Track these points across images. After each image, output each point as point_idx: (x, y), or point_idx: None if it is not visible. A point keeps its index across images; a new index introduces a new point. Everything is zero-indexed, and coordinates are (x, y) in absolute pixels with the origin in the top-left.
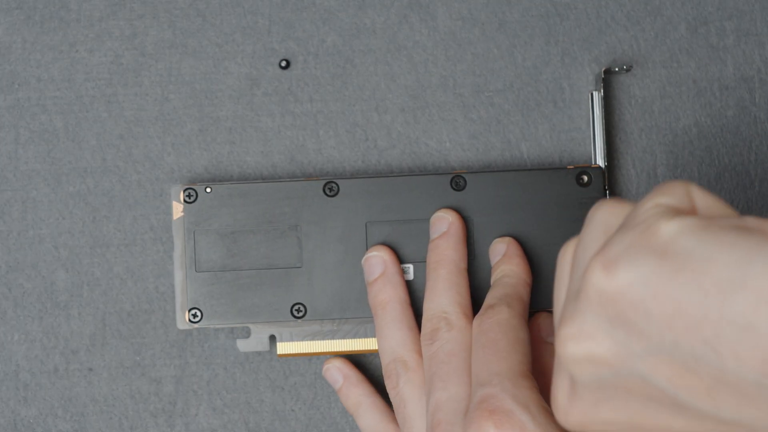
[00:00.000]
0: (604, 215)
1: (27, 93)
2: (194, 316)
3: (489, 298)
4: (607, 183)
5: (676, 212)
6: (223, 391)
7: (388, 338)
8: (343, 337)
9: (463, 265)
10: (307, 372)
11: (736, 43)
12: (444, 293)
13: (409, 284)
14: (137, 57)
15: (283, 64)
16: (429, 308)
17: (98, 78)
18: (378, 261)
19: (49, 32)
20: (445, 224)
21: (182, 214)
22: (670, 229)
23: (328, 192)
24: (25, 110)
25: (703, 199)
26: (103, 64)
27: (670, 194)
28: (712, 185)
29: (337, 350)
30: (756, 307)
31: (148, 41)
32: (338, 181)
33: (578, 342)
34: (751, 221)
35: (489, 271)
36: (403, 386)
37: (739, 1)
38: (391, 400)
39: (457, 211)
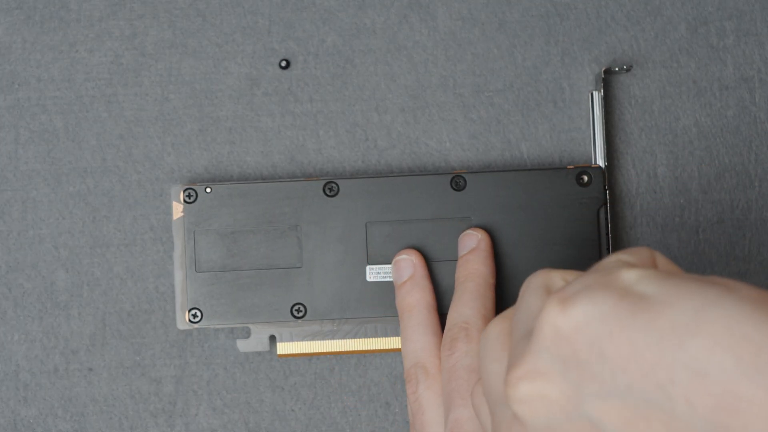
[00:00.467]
0: (543, 277)
1: (27, 93)
2: (194, 316)
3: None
4: (607, 183)
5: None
6: (223, 391)
7: (412, 342)
8: (343, 337)
9: (492, 280)
10: (307, 372)
11: (736, 43)
12: (469, 303)
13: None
14: (137, 57)
15: (283, 64)
16: (451, 317)
17: (98, 78)
18: (408, 264)
19: (49, 32)
20: (474, 240)
21: (182, 214)
22: (631, 275)
23: (328, 192)
24: (25, 110)
25: (666, 265)
26: (103, 64)
27: (634, 254)
28: (712, 185)
29: (337, 350)
30: (709, 352)
31: (148, 41)
32: (338, 181)
33: (531, 381)
34: (715, 278)
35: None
36: (422, 392)
37: (739, 1)
38: (409, 405)
39: (457, 210)
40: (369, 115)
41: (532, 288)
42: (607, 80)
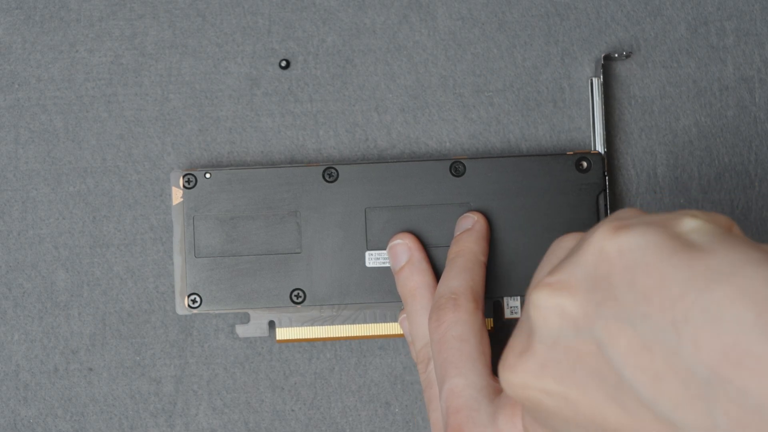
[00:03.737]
0: (626, 212)
1: (27, 93)
2: (193, 301)
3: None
4: (607, 169)
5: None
6: (223, 391)
7: (419, 325)
8: (343, 323)
9: (483, 258)
10: (307, 372)
11: (736, 43)
12: (457, 276)
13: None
14: (137, 57)
15: (283, 64)
16: (439, 290)
17: (98, 78)
18: (403, 249)
19: (49, 32)
20: (469, 222)
21: (182, 199)
22: (691, 223)
23: (327, 178)
24: (25, 110)
25: (739, 235)
26: (103, 64)
27: (710, 215)
28: (712, 185)
29: (337, 336)
30: (732, 302)
31: (148, 41)
32: (338, 167)
33: (555, 290)
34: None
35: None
36: (431, 369)
37: (739, 1)
38: (421, 383)
39: (456, 196)
40: (369, 115)
41: (608, 219)
42: (608, 81)
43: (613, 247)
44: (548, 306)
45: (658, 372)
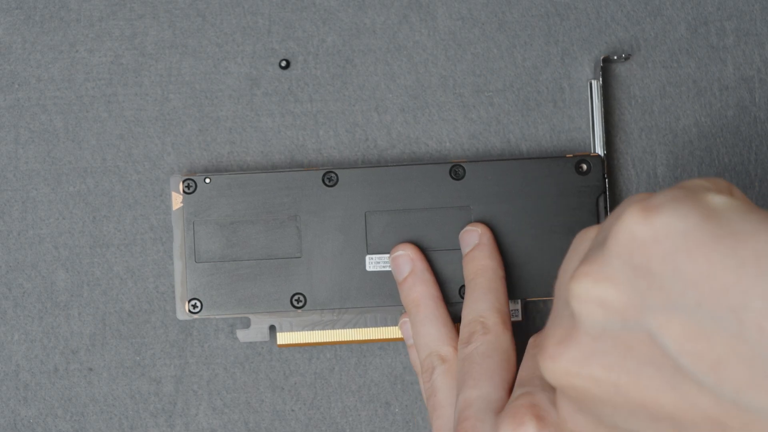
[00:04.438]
0: (646, 195)
1: (27, 93)
2: (194, 306)
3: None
4: (606, 171)
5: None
6: (223, 391)
7: (424, 335)
8: (343, 327)
9: (502, 272)
10: (307, 372)
11: (736, 43)
12: (482, 298)
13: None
14: (137, 57)
15: (283, 64)
16: (466, 315)
17: (98, 78)
18: (405, 260)
19: (49, 32)
20: (475, 236)
21: (181, 204)
22: (719, 200)
23: (327, 182)
24: (25, 110)
25: (741, 198)
26: (103, 64)
27: (713, 182)
28: None
29: (337, 340)
30: None
31: (148, 41)
32: (337, 171)
33: (596, 281)
34: None
35: None
36: (437, 377)
37: (739, 1)
38: (424, 392)
39: (456, 200)
40: (369, 115)
41: (630, 201)
42: (607, 81)
43: (646, 233)
44: (590, 297)
45: (719, 357)
